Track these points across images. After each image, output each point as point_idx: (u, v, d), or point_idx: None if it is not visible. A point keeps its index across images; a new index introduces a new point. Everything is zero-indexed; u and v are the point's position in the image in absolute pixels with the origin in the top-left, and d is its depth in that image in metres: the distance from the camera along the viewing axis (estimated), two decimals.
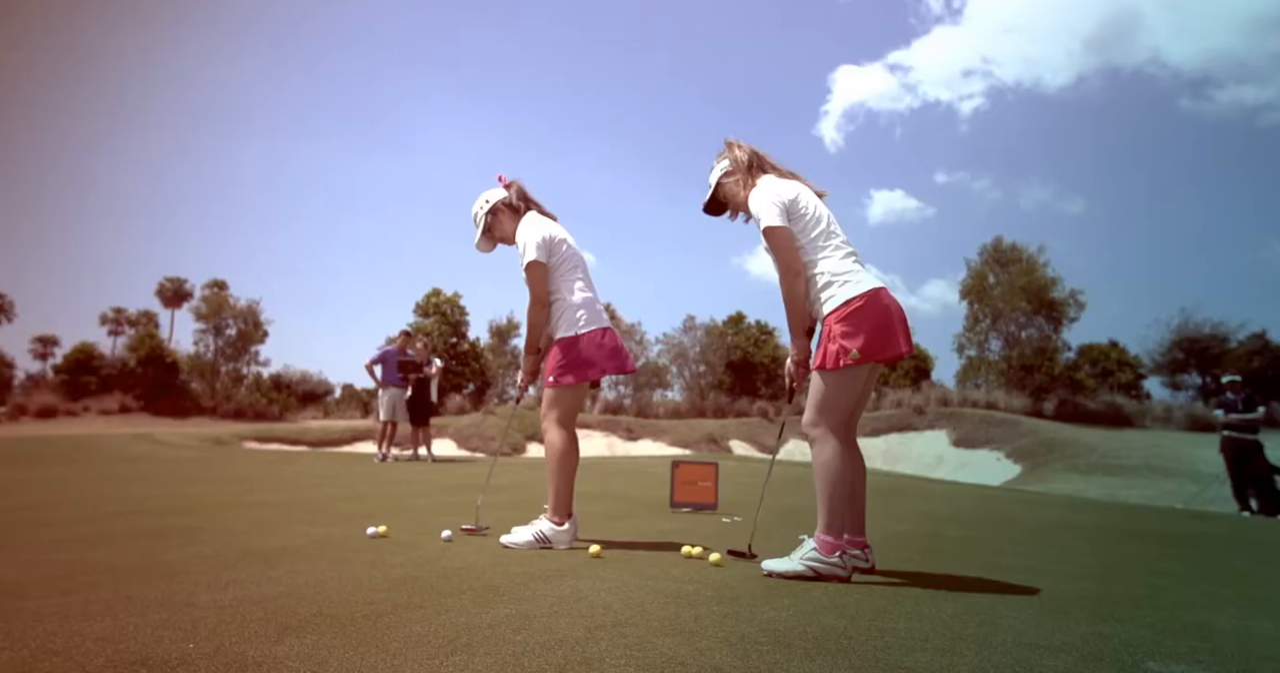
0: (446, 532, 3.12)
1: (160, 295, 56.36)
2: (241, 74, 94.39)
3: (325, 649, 1.83)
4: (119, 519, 4.31)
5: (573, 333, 3.66)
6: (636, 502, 6.11)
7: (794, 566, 2.91)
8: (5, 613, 2.11)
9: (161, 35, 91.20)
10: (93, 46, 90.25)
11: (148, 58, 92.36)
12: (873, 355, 2.92)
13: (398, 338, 12.38)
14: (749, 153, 3.29)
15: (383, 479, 7.84)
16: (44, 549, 3.22)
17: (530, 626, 2.10)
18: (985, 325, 34.14)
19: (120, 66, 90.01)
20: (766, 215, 3.04)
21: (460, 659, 1.78)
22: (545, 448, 3.67)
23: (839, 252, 3.07)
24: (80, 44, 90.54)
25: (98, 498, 5.65)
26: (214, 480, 7.51)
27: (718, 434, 24.99)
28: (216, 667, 1.69)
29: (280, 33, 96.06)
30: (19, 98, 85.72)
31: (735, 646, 1.94)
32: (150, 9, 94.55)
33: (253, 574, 2.71)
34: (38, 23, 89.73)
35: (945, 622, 2.28)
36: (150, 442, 16.19)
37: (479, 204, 3.86)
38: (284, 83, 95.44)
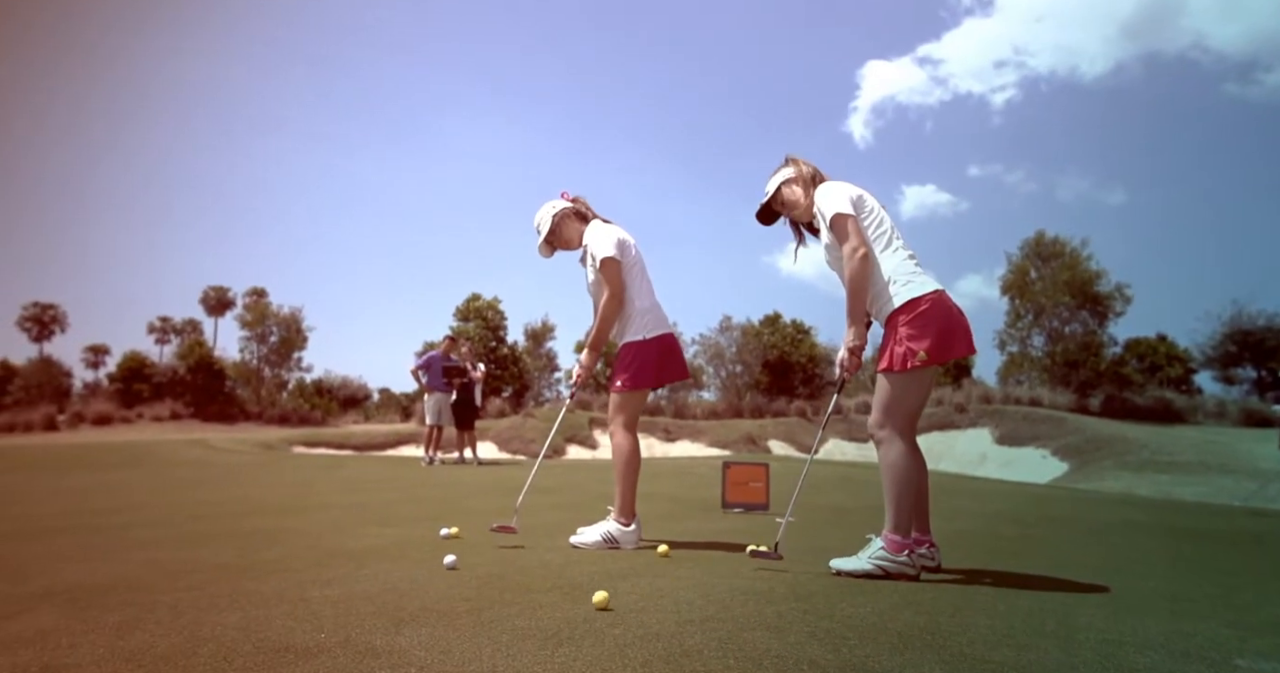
0: (450, 558, 2.91)
1: (204, 304, 57.93)
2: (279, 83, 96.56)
3: (443, 640, 1.96)
4: (203, 522, 4.53)
5: (640, 337, 3.78)
6: (686, 503, 6.20)
7: (863, 565, 2.98)
8: (148, 606, 2.29)
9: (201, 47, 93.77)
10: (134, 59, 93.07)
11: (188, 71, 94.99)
12: (940, 357, 2.98)
13: (442, 343, 12.63)
14: (811, 166, 3.39)
15: (435, 482, 8.04)
16: (147, 549, 3.43)
17: (623, 621, 2.21)
18: (1027, 321, 33.51)
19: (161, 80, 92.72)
20: (835, 204, 3.12)
21: (568, 651, 1.90)
22: (613, 451, 3.79)
23: (901, 253, 3.14)
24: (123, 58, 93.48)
25: (173, 502, 5.91)
26: (276, 484, 7.78)
27: (756, 434, 24.94)
28: (351, 654, 1.83)
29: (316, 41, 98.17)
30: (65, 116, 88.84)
31: (823, 640, 2.03)
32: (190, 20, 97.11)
33: (347, 573, 2.87)
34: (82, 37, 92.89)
35: (1023, 618, 2.34)
36: (205, 447, 16.72)
37: (545, 211, 3.99)
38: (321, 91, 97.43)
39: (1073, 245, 33.01)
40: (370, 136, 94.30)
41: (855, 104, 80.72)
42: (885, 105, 75.71)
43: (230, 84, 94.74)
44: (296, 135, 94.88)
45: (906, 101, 73.17)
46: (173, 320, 57.28)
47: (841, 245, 3.11)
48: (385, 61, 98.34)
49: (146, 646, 1.89)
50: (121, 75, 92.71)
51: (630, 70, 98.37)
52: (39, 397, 36.18)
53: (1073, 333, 32.41)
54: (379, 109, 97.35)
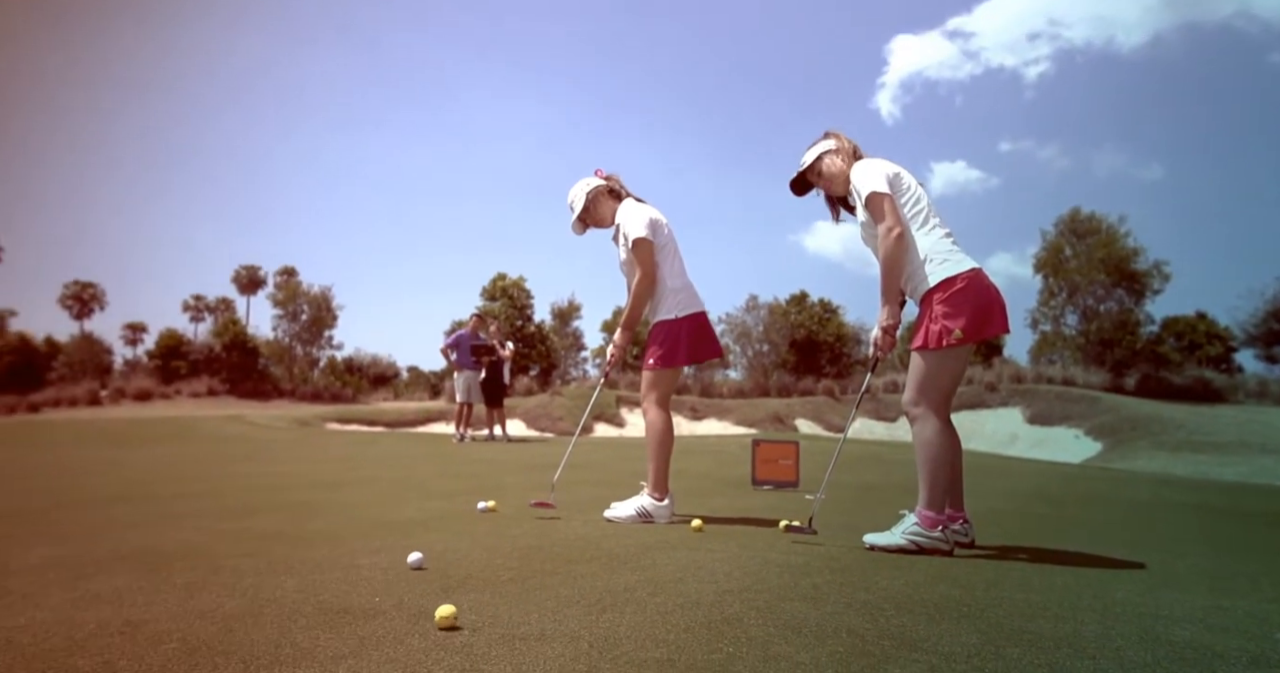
0: (415, 555, 2.57)
1: (236, 283, 58.98)
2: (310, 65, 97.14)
3: (491, 606, 2.05)
4: (251, 494, 4.69)
5: (673, 316, 3.81)
6: (716, 479, 6.27)
7: (896, 540, 3.02)
8: (212, 570, 2.41)
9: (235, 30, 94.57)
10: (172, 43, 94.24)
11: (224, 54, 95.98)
12: (976, 335, 2.99)
13: (470, 322, 12.78)
14: (852, 142, 3.37)
15: (466, 458, 8.20)
16: (202, 518, 3.57)
17: (663, 590, 2.28)
18: (1061, 299, 32.95)
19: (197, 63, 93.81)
20: (872, 181, 3.10)
21: (611, 617, 1.97)
22: (646, 428, 3.85)
23: (938, 231, 3.13)
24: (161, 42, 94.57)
25: (220, 474, 6.12)
26: (315, 459, 8.00)
27: (783, 413, 24.95)
28: (405, 616, 1.92)
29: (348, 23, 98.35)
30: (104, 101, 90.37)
31: (860, 610, 2.08)
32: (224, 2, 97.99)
33: (394, 543, 2.97)
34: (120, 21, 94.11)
35: (1059, 592, 2.37)
36: (243, 423, 17.18)
37: (578, 188, 4.02)
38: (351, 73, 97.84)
39: (1109, 222, 32.30)
40: (398, 117, 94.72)
41: (883, 80, 79.20)
42: (914, 80, 74.13)
43: (262, 66, 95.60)
44: (325, 116, 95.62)
45: (936, 76, 71.54)
46: (206, 299, 58.52)
47: (877, 224, 3.10)
48: (415, 42, 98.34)
49: (215, 605, 2.00)
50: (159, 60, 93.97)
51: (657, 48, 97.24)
52: (82, 373, 37.29)
53: (1108, 311, 31.80)
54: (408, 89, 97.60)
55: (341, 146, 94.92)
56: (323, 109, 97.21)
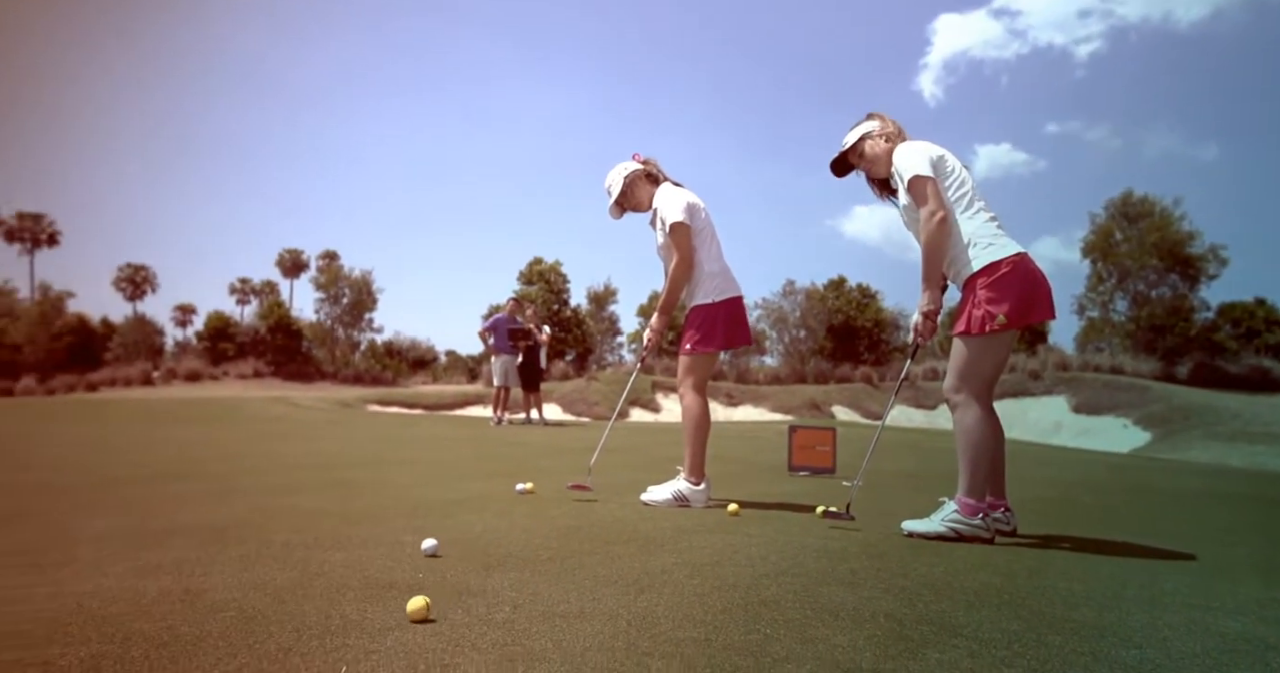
0: (429, 542, 2.50)
1: (280, 267, 60.19)
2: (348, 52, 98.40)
3: (530, 583, 2.09)
4: (297, 472, 4.83)
5: (710, 301, 3.80)
6: (752, 465, 6.27)
7: (935, 526, 2.99)
8: (263, 544, 2.50)
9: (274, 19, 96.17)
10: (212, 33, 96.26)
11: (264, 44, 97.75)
12: (1020, 322, 2.93)
13: (507, 306, 12.90)
14: (896, 124, 3.31)
15: (504, 441, 8.31)
16: (252, 495, 3.69)
17: (700, 572, 2.30)
18: (1110, 285, 31.99)
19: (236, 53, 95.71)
20: (914, 165, 3.05)
21: (649, 598, 1.99)
22: (683, 412, 3.86)
23: (982, 215, 3.06)
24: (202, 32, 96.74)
25: (268, 453, 6.30)
26: (358, 440, 8.19)
27: (820, 399, 24.74)
28: (449, 591, 1.97)
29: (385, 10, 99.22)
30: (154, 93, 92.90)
31: (898, 595, 2.07)
32: None
33: (435, 522, 3.04)
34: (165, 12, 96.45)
35: (1104, 581, 2.33)
36: (287, 404, 17.64)
37: (616, 173, 4.02)
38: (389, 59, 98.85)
39: (1163, 205, 31.18)
40: (437, 103, 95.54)
41: (925, 61, 77.26)
42: (958, 61, 72.15)
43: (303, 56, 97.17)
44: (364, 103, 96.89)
45: (981, 56, 69.55)
46: (252, 282, 59.74)
47: (919, 208, 3.05)
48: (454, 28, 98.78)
49: (268, 577, 2.07)
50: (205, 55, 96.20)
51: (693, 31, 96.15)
52: (135, 353, 38.57)
53: (1160, 297, 30.81)
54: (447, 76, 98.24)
55: (381, 133, 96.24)
56: (363, 96, 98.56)
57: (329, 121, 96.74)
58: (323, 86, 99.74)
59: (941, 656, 1.58)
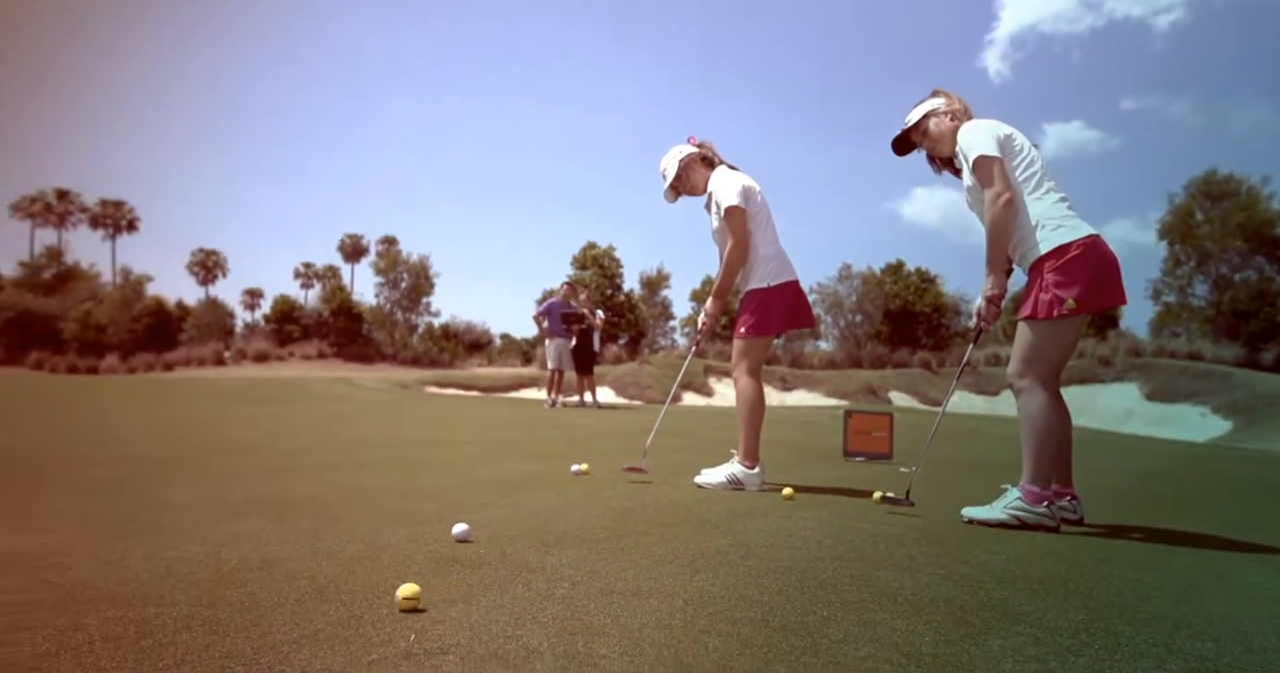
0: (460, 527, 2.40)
1: (341, 251, 61.93)
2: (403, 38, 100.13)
3: (588, 561, 2.13)
4: (361, 450, 5.01)
5: (765, 285, 3.77)
6: (807, 450, 6.22)
7: (997, 514, 2.92)
8: (332, 518, 2.61)
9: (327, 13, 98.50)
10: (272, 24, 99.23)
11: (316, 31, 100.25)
12: (1091, 306, 2.82)
13: (561, 290, 13.02)
14: (963, 102, 3.21)
15: (558, 423, 8.43)
16: (320, 471, 3.85)
17: (755, 554, 2.30)
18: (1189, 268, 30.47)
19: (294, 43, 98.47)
20: (980, 144, 2.95)
21: (705, 578, 2.01)
22: (736, 397, 3.85)
23: (1051, 196, 2.95)
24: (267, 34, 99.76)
25: (333, 432, 6.54)
26: (418, 420, 8.42)
27: (876, 385, 24.31)
28: (510, 568, 2.03)
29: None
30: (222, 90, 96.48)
31: (958, 582, 2.04)
32: None
33: (493, 501, 3.11)
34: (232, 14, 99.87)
35: (1178, 573, 2.25)
36: (349, 385, 18.22)
37: (671, 156, 4.00)
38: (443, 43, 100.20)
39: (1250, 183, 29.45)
40: (493, 89, 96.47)
41: (991, 36, 74.27)
42: (1026, 36, 69.11)
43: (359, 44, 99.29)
44: (420, 89, 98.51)
45: (1051, 31, 66.49)
46: (315, 266, 61.63)
47: (984, 189, 2.95)
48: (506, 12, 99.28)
49: (338, 549, 2.17)
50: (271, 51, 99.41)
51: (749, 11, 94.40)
52: (208, 335, 40.28)
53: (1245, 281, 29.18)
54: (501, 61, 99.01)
55: (438, 119, 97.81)
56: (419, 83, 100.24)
57: (388, 108, 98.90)
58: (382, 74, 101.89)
59: (1004, 643, 1.56)
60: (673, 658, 1.41)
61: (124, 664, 1.28)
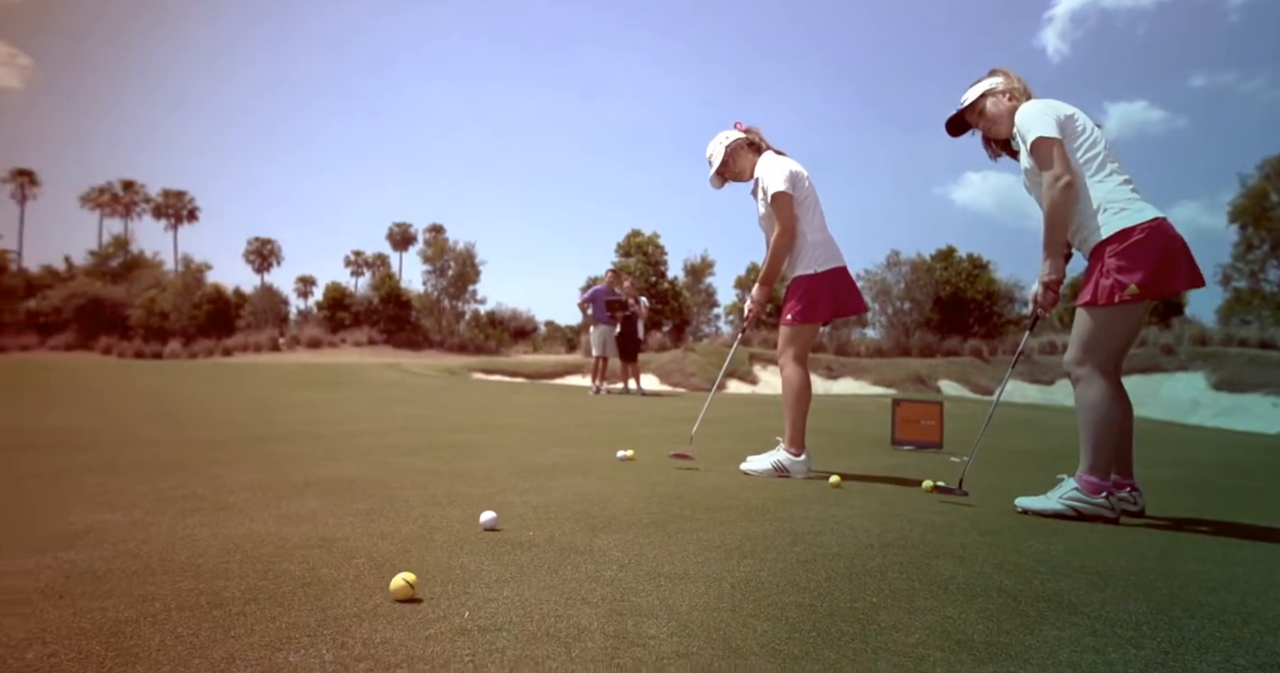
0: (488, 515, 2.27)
1: (390, 239, 63.07)
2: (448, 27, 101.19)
3: (635, 545, 2.15)
4: (411, 434, 5.12)
5: (811, 271, 3.73)
6: (854, 438, 6.15)
7: (1052, 504, 2.86)
8: (386, 499, 2.69)
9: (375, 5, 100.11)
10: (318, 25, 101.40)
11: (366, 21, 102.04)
12: (1155, 292, 2.72)
13: (605, 277, 13.06)
14: (1022, 82, 3.11)
15: (603, 410, 8.49)
16: (373, 454, 3.95)
17: (801, 541, 2.30)
18: (1262, 252, 29.08)
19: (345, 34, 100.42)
20: (1039, 125, 2.86)
21: (752, 563, 2.01)
22: (783, 383, 3.83)
23: (1115, 178, 2.85)
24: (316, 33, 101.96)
25: (384, 416, 6.70)
26: (466, 406, 8.57)
27: (925, 374, 23.85)
28: (559, 549, 2.06)
29: None
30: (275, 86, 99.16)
31: (1012, 572, 2.00)
32: None
33: (540, 484, 3.16)
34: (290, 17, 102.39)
35: (1248, 567, 2.17)
36: (399, 371, 18.64)
37: (717, 142, 3.97)
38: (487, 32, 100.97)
39: None
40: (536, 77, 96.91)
41: (1050, 14, 71.52)
42: (1087, 12, 66.35)
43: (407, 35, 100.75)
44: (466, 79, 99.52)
45: (1114, 6, 63.73)
46: (365, 254, 62.98)
47: (1042, 172, 2.86)
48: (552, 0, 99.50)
49: (392, 529, 2.23)
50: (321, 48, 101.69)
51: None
52: (264, 321, 41.56)
53: None
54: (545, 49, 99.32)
55: (485, 110, 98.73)
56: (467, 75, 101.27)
57: (435, 100, 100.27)
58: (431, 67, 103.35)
59: (1060, 633, 1.53)
60: (721, 640, 1.42)
61: (198, 632, 1.35)
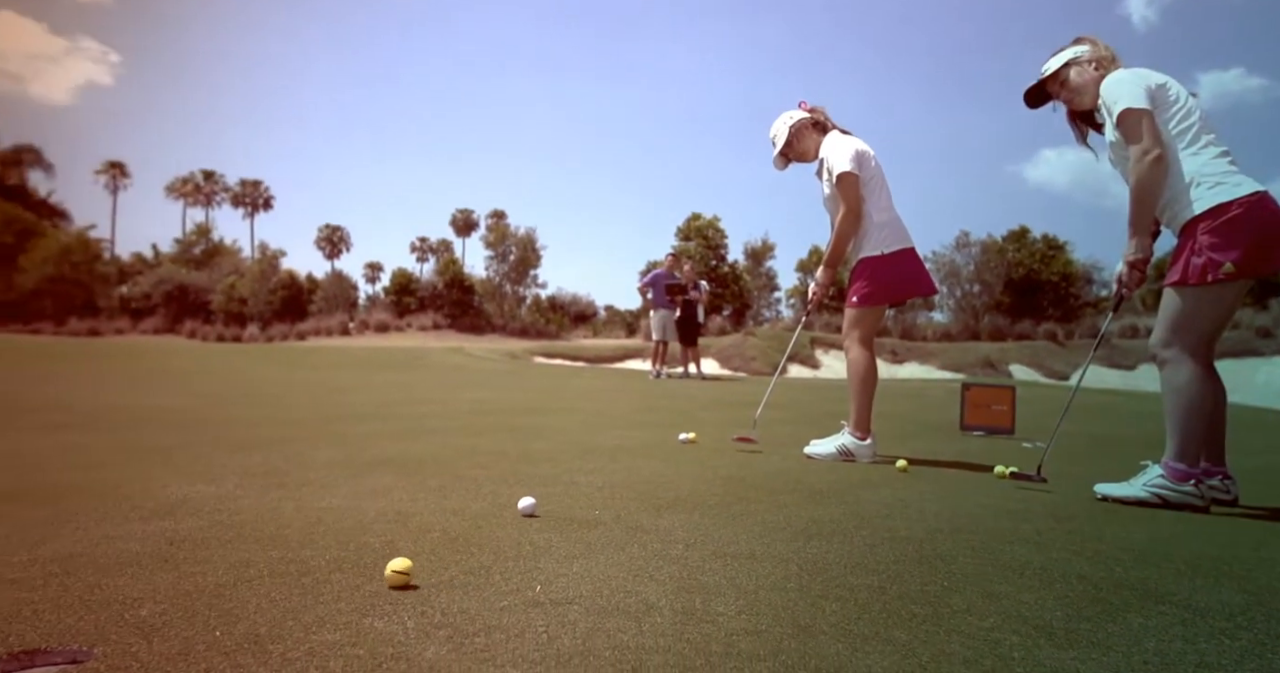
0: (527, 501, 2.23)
1: (453, 225, 64.34)
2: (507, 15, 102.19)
3: (700, 525, 2.16)
4: (477, 416, 5.25)
5: (878, 252, 3.65)
6: (921, 423, 6.02)
7: (1135, 491, 2.74)
8: (455, 477, 2.77)
9: None
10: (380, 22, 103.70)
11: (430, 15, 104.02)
12: (1253, 270, 2.57)
13: (665, 261, 13.04)
14: (1110, 50, 2.95)
15: (663, 394, 8.51)
16: (440, 435, 4.07)
17: (869, 524, 2.27)
18: None
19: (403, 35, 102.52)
20: (1127, 95, 2.71)
21: (819, 545, 2.00)
22: (848, 367, 3.77)
23: (1210, 150, 2.68)
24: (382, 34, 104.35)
25: (449, 398, 6.88)
26: (528, 389, 8.72)
27: (995, 358, 23.08)
28: (625, 528, 2.09)
29: None
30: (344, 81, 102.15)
31: (1092, 559, 1.94)
32: None
33: (604, 466, 3.20)
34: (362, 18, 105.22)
35: None
36: (463, 355, 19.07)
37: (781, 122, 3.91)
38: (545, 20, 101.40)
39: None
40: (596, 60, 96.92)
41: None
42: None
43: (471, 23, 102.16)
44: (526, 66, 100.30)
45: None
46: (429, 240, 64.40)
47: (1129, 145, 2.71)
48: None
49: (463, 505, 2.30)
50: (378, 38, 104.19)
51: None
52: (334, 306, 43.02)
53: None
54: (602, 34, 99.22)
55: (545, 96, 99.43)
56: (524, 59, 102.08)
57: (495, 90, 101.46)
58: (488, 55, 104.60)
59: (1146, 621, 1.47)
60: (790, 619, 1.42)
61: (290, 597, 1.43)
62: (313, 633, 1.27)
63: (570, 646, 1.26)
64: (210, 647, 1.20)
